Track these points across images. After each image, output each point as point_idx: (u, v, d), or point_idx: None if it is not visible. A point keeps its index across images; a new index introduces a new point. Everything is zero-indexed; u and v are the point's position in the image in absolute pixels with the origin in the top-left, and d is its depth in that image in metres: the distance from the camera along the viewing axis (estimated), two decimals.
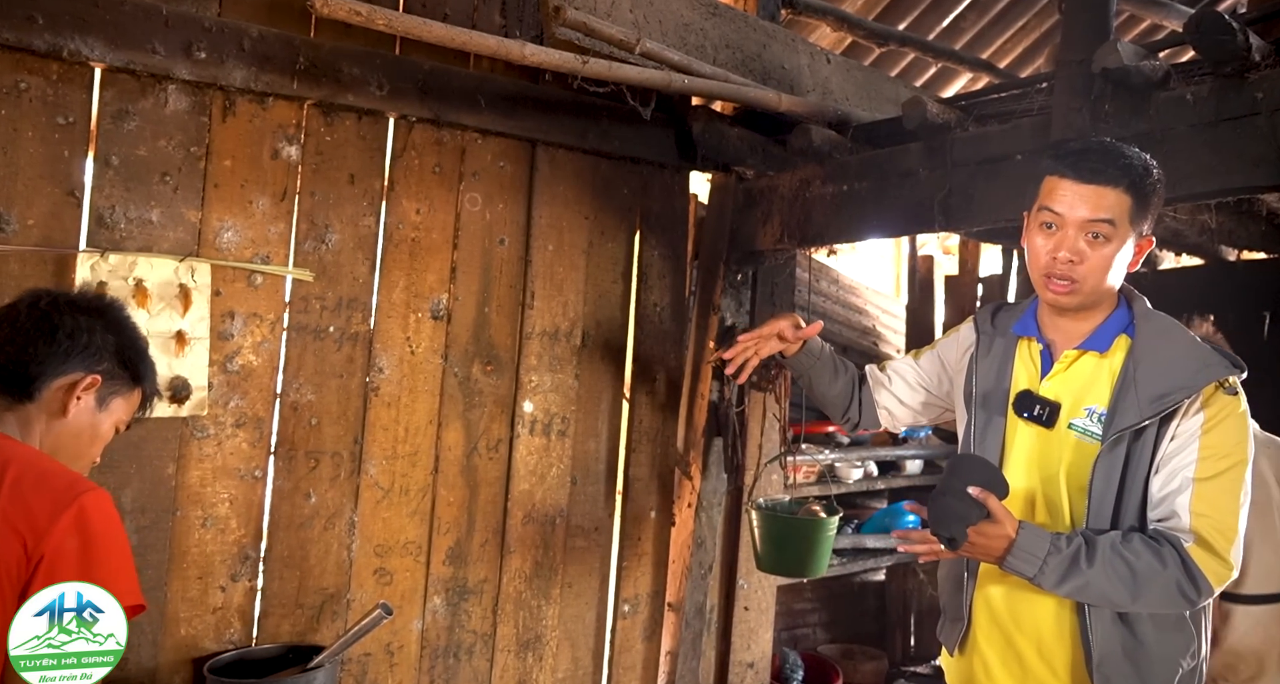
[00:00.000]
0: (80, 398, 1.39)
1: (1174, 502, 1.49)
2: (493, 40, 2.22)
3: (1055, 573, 1.47)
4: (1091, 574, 1.45)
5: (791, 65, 2.94)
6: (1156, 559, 1.45)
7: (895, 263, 6.16)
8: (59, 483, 1.28)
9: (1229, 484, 1.48)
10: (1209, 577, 1.45)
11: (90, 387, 1.40)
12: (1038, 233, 1.59)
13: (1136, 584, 1.45)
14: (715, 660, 2.98)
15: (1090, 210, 1.52)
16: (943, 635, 1.80)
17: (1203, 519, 1.46)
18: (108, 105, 2.06)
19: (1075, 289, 1.55)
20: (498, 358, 2.60)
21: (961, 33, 4.75)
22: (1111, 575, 1.45)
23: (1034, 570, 1.47)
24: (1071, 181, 1.54)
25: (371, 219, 2.39)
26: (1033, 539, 1.48)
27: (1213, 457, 1.48)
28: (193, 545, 2.17)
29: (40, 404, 1.37)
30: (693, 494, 2.90)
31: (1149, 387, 1.51)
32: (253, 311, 2.23)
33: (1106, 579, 1.45)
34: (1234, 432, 1.50)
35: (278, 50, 2.20)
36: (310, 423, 2.31)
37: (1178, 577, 1.45)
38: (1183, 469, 1.49)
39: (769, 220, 2.80)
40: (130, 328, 1.48)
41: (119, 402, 1.46)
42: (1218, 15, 1.73)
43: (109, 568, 1.27)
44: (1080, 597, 1.51)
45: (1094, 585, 1.46)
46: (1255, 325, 3.32)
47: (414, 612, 2.48)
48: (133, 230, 2.08)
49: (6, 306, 1.42)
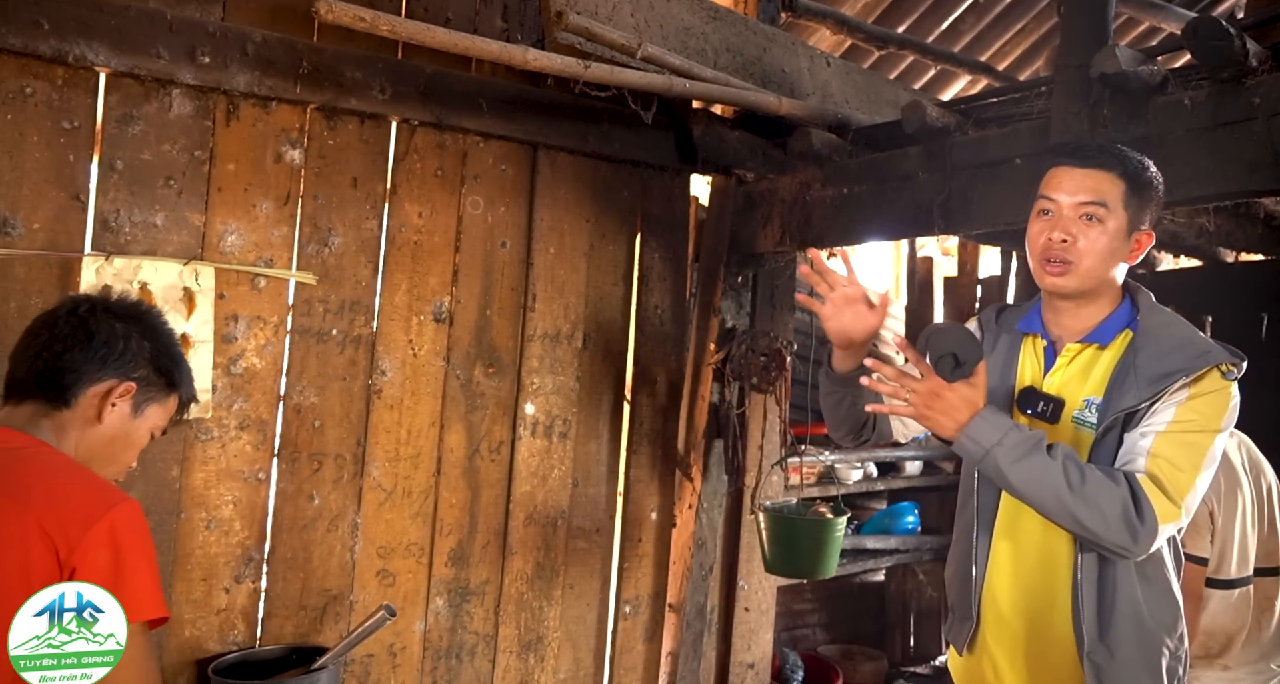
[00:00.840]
0: (115, 404, 1.39)
1: (1134, 448, 1.50)
2: (495, 45, 2.23)
3: (1014, 450, 1.43)
4: (1044, 463, 1.42)
5: (791, 68, 2.95)
6: (1109, 477, 1.44)
7: (895, 265, 6.17)
8: (92, 493, 1.28)
9: (1194, 441, 1.48)
10: (1156, 511, 1.43)
11: (125, 394, 1.40)
12: (1035, 221, 1.62)
13: (1086, 490, 1.42)
14: (716, 661, 2.99)
15: (1084, 192, 1.56)
16: (950, 635, 1.81)
17: (1158, 460, 1.46)
18: (112, 110, 2.07)
19: (1070, 271, 1.57)
20: (499, 360, 2.61)
21: (961, 35, 4.76)
22: (1062, 473, 1.42)
23: (991, 442, 1.44)
24: (1067, 167, 1.59)
25: (374, 222, 2.40)
26: (997, 415, 1.47)
27: (1185, 420, 1.48)
28: (197, 547, 2.18)
29: (76, 411, 1.37)
30: (693, 495, 2.91)
31: (1149, 370, 1.52)
32: (256, 315, 2.24)
33: (1057, 474, 1.42)
34: (1214, 405, 1.50)
35: (281, 55, 2.22)
36: (313, 425, 2.32)
37: (1125, 497, 1.42)
38: (1153, 426, 1.50)
39: (769, 223, 2.81)
40: (166, 334, 1.48)
41: (155, 408, 1.46)
42: (1215, 20, 1.74)
43: (138, 581, 1.27)
44: (1027, 487, 1.45)
45: (1045, 476, 1.42)
46: (1253, 327, 3.33)
47: (416, 613, 2.49)
48: (137, 234, 2.09)
49: (45, 313, 1.43)
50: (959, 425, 1.47)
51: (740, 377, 2.85)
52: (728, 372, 2.87)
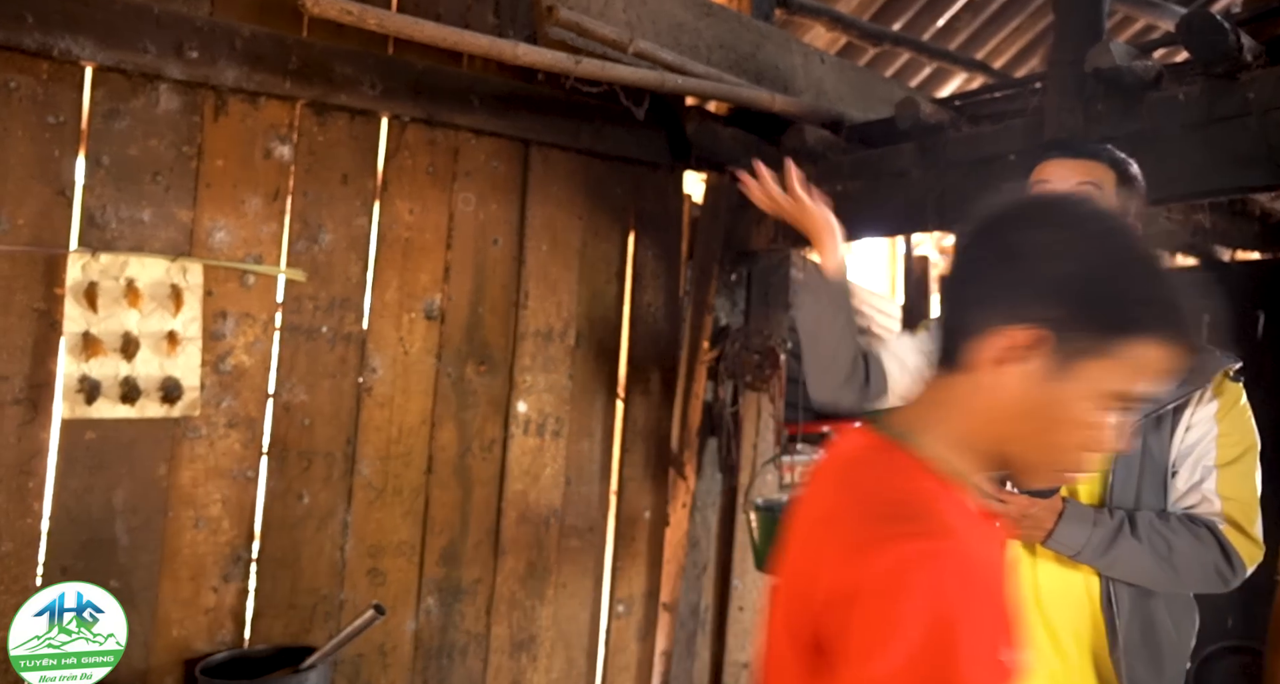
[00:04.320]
0: (1016, 360, 0.86)
1: (1201, 488, 1.52)
2: (485, 40, 2.22)
3: (1100, 545, 1.47)
4: (1133, 546, 1.46)
5: (785, 65, 2.94)
6: (1194, 537, 1.48)
7: (890, 263, 6.17)
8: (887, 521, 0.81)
9: (1247, 468, 1.52)
10: (1243, 556, 1.47)
11: (1026, 345, 0.85)
12: None
13: (1176, 560, 1.46)
14: (710, 660, 2.98)
15: (1078, 175, 1.57)
16: None
17: (1230, 503, 1.50)
18: (99, 105, 2.05)
19: None
20: (491, 358, 2.60)
21: (956, 33, 4.76)
22: (1151, 550, 1.46)
23: (1081, 542, 1.47)
24: (1060, 158, 1.59)
25: (364, 219, 2.39)
26: (1079, 511, 1.49)
27: (1229, 444, 1.52)
28: (185, 546, 2.16)
29: (965, 372, 0.89)
30: (687, 494, 2.89)
31: None
32: (245, 312, 2.22)
33: (1147, 553, 1.46)
34: (1245, 417, 1.54)
35: (270, 50, 2.20)
36: (303, 423, 2.30)
37: (1215, 556, 1.47)
38: (1204, 457, 1.53)
39: (763, 220, 2.80)
40: (1121, 248, 0.87)
41: (1092, 365, 0.85)
42: (1209, 16, 1.73)
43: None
44: (1117, 570, 1.50)
45: (1135, 559, 1.46)
46: (1249, 325, 3.32)
47: (407, 612, 2.48)
48: (124, 230, 2.07)
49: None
50: (1046, 533, 1.49)
51: (734, 375, 2.84)
52: (721, 370, 2.86)
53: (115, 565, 2.07)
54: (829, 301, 1.67)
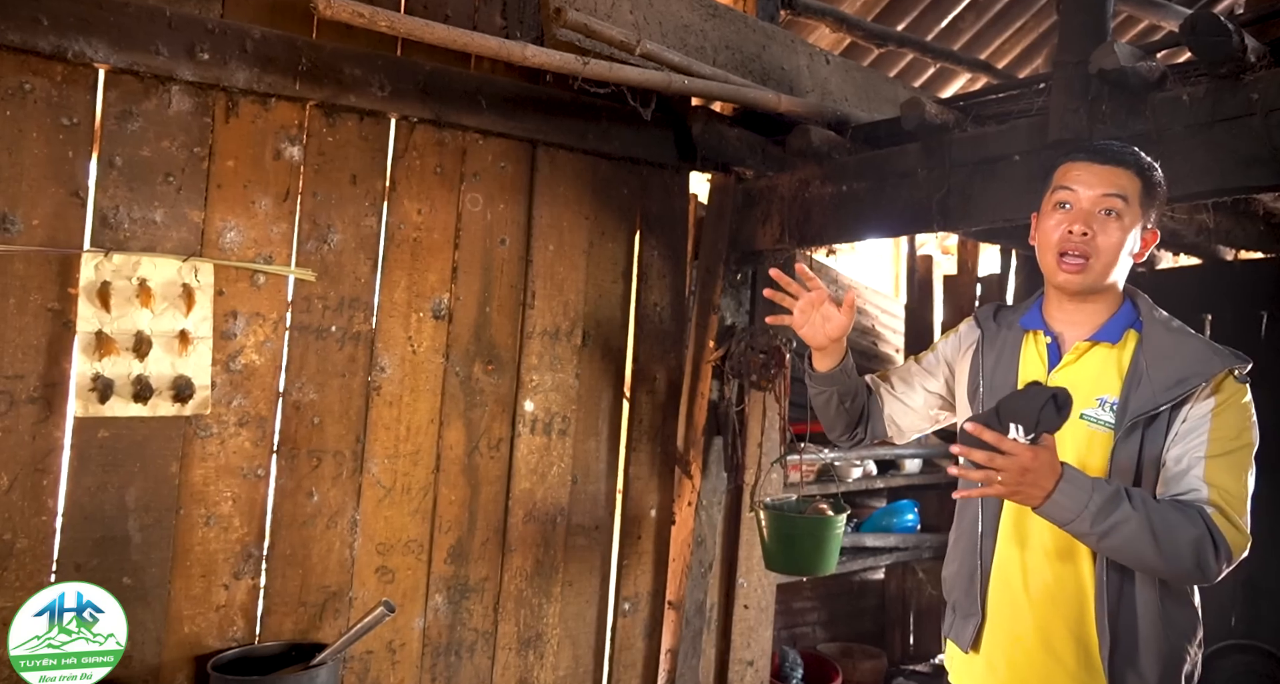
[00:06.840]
0: None
1: (1189, 476, 1.51)
2: (494, 42, 2.23)
3: (1096, 512, 1.42)
4: (1129, 515, 1.43)
5: (791, 66, 2.95)
6: (1184, 516, 1.46)
7: (894, 263, 6.18)
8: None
9: (1239, 461, 1.51)
10: (1230, 543, 1.46)
11: None
12: (1051, 214, 1.62)
13: (1165, 535, 1.43)
14: (715, 658, 2.99)
15: (1105, 186, 1.57)
16: (952, 633, 1.80)
17: (1218, 490, 1.49)
18: (111, 106, 2.07)
19: (1087, 268, 1.57)
20: (499, 357, 2.61)
21: (960, 33, 4.76)
22: (1146, 523, 1.43)
23: (1080, 507, 1.42)
24: (1087, 162, 1.59)
25: (373, 219, 2.40)
26: (1077, 475, 1.45)
27: (1223, 438, 1.51)
28: (196, 544, 2.18)
29: None
30: (693, 493, 2.91)
31: (1163, 374, 1.54)
32: (255, 311, 2.24)
33: (1139, 525, 1.43)
34: (1243, 416, 1.53)
35: (280, 51, 2.22)
36: (312, 422, 2.32)
37: (1202, 536, 1.44)
38: (1194, 447, 1.52)
39: (768, 220, 2.82)
40: None
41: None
42: (1213, 16, 1.74)
43: None
44: (1109, 541, 1.46)
45: (1126, 529, 1.43)
46: (1253, 324, 3.33)
47: (416, 610, 2.49)
48: (136, 230, 2.09)
49: None
50: (1045, 493, 1.44)
51: (740, 374, 2.85)
52: (727, 369, 2.88)
53: (128, 563, 2.10)
54: (816, 393, 1.89)
